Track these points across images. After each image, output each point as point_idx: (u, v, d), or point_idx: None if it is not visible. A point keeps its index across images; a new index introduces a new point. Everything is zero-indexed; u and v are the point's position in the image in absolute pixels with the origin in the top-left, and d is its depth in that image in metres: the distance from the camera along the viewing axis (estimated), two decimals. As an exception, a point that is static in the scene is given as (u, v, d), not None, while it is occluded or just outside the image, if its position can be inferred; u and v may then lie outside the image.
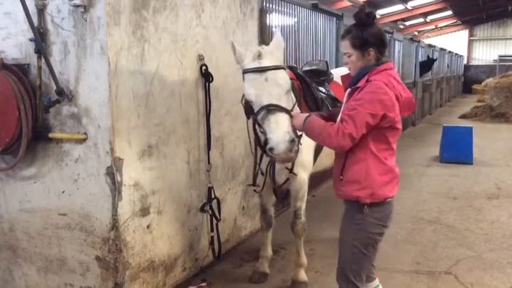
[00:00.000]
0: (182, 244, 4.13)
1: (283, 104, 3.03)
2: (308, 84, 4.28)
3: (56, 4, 3.27)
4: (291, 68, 4.30)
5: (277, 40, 3.19)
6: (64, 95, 3.32)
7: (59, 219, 3.54)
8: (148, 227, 3.70)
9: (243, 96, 3.21)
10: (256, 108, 3.07)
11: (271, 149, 2.96)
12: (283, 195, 4.14)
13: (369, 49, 2.81)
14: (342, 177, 2.87)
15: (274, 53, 3.14)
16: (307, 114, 3.02)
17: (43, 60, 3.31)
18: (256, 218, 5.32)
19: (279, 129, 2.93)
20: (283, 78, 3.10)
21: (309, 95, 4.22)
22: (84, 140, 3.35)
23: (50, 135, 3.43)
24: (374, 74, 2.79)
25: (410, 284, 4.28)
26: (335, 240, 5.22)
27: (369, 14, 2.82)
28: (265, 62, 3.06)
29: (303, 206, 4.10)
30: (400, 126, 2.86)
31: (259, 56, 3.06)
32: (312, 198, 6.74)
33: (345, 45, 2.89)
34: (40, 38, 3.27)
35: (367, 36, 2.81)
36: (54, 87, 3.31)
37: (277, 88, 3.03)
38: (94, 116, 3.29)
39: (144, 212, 3.65)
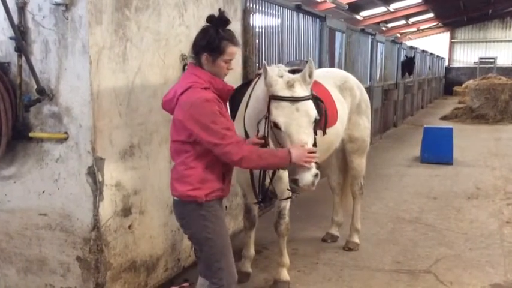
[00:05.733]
0: (164, 244, 4.12)
1: (310, 134, 3.08)
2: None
3: (37, 2, 3.24)
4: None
5: (310, 67, 3.17)
6: (45, 94, 3.29)
7: (39, 219, 3.51)
8: (130, 227, 3.68)
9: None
10: (284, 137, 3.05)
11: (295, 181, 2.99)
12: (269, 197, 4.13)
13: None
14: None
15: (306, 81, 3.15)
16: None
17: (23, 58, 3.28)
18: (239, 218, 5.33)
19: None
20: (312, 108, 3.13)
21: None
22: (65, 139, 3.32)
23: (31, 134, 3.40)
24: None
25: (391, 283, 4.33)
26: (317, 240, 5.30)
27: None
28: (298, 92, 3.07)
29: (287, 206, 4.12)
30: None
31: (292, 85, 3.07)
32: (294, 198, 6.76)
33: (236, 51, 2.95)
34: (20, 37, 3.24)
35: None
36: (35, 86, 3.28)
37: (306, 119, 3.06)
38: (75, 115, 3.27)
39: (126, 212, 3.63)
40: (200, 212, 2.89)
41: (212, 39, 2.83)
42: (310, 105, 3.12)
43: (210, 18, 2.87)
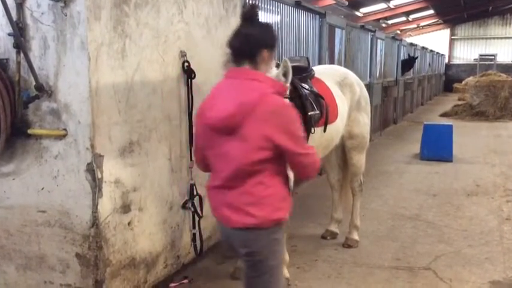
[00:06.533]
0: (164, 241, 4.11)
1: None
2: (292, 81, 4.27)
3: (35, -2, 3.23)
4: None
5: (285, 66, 3.08)
6: (43, 90, 3.28)
7: (38, 216, 3.50)
8: (129, 224, 3.68)
9: None
10: None
11: None
12: None
13: None
14: None
15: (280, 80, 3.06)
16: None
17: (22, 55, 3.26)
18: (239, 214, 5.32)
19: None
20: None
21: (293, 91, 4.23)
22: (64, 136, 3.31)
23: (29, 131, 3.39)
24: None
25: (390, 280, 4.33)
26: (317, 237, 5.30)
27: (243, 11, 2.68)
28: None
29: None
30: (202, 142, 2.64)
31: None
32: (294, 195, 6.76)
33: None
34: (19, 33, 3.22)
35: None
36: (34, 83, 3.27)
37: None
38: (74, 111, 3.26)
39: (125, 209, 3.62)
40: (275, 236, 2.57)
41: (270, 33, 2.58)
42: None
43: (247, 15, 2.59)
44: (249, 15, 2.57)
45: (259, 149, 2.41)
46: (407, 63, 16.33)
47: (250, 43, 2.51)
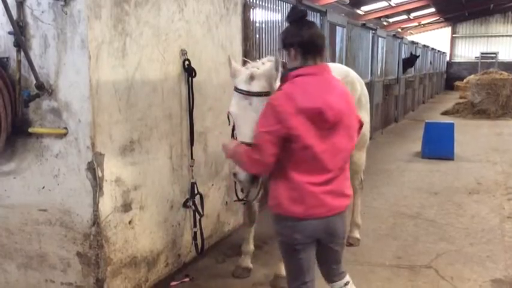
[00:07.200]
0: (165, 240, 4.11)
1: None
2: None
3: (36, -3, 3.22)
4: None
5: (277, 61, 3.08)
6: (44, 89, 3.28)
7: (39, 214, 3.50)
8: (130, 222, 3.68)
9: None
10: (236, 130, 3.17)
11: (234, 174, 3.02)
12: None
13: (290, 48, 2.70)
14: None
15: (266, 76, 3.07)
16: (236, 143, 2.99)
17: (22, 53, 3.26)
18: (239, 213, 5.33)
19: None
20: None
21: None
22: (65, 134, 3.31)
23: (30, 129, 3.39)
24: (286, 81, 2.70)
25: (391, 278, 4.33)
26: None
27: (297, 12, 2.76)
28: (255, 87, 3.04)
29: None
30: (308, 141, 2.57)
31: (251, 78, 3.05)
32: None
33: None
34: (19, 32, 3.22)
35: (286, 35, 2.75)
36: (34, 81, 3.27)
37: (257, 115, 2.96)
38: (75, 110, 3.26)
39: (126, 207, 3.63)
40: None
41: None
42: (265, 100, 3.02)
43: (304, 15, 2.78)
44: (304, 15, 2.76)
45: (357, 133, 2.84)
46: (409, 62, 16.32)
47: (324, 41, 2.74)
